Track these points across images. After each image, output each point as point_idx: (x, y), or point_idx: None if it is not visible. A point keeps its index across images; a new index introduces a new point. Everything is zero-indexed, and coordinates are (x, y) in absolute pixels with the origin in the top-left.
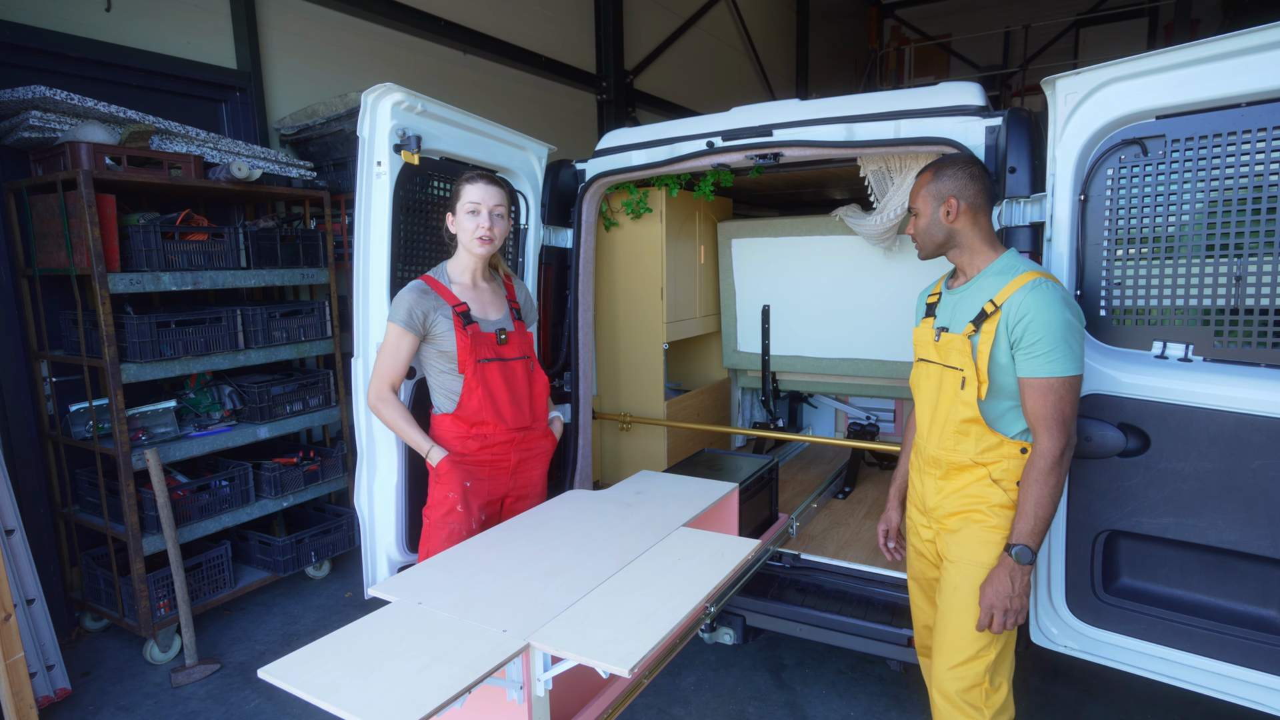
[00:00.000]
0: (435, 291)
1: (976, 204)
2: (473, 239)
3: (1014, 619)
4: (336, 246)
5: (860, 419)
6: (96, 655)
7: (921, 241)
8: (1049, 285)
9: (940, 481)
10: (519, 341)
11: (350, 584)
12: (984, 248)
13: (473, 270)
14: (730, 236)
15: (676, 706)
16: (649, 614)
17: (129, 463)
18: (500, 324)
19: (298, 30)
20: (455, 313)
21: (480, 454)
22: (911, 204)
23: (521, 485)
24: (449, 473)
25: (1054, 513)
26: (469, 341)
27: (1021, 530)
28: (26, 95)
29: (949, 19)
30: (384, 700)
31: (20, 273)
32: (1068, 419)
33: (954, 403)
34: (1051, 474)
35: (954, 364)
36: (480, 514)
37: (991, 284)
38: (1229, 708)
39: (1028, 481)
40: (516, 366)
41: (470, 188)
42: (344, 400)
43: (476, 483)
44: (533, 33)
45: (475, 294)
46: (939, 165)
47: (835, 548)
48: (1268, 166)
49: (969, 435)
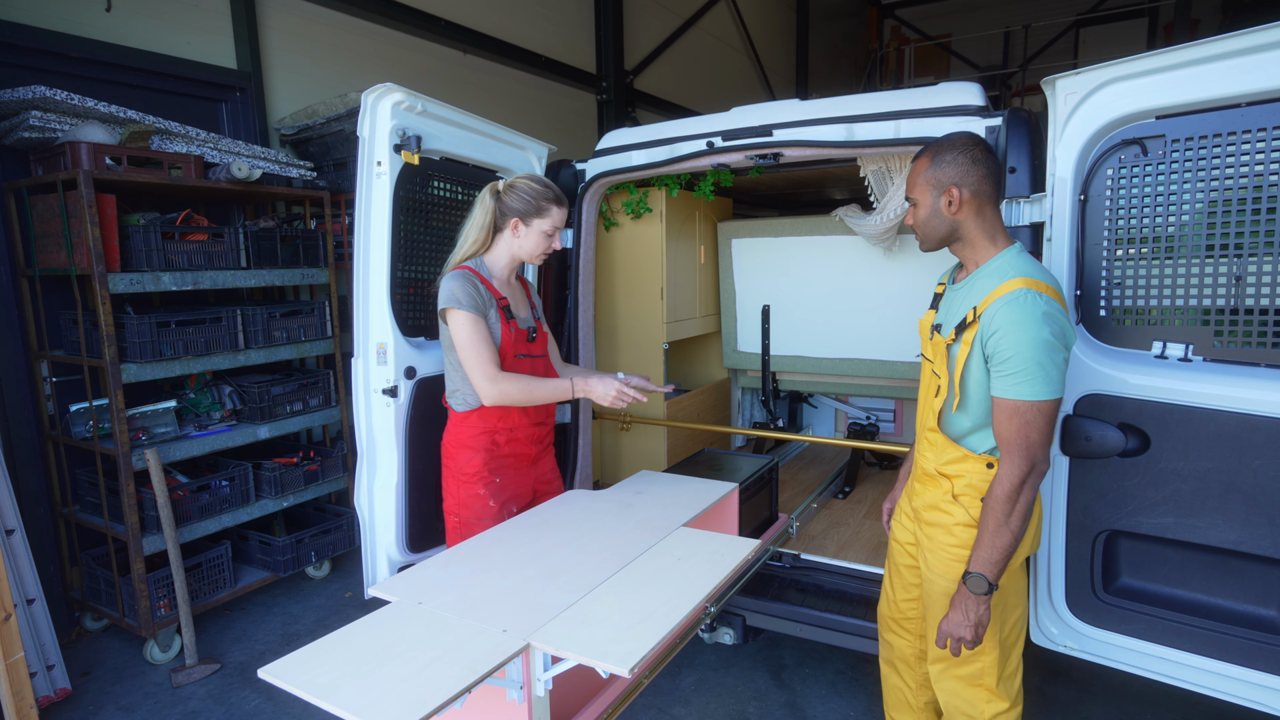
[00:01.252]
0: (482, 283)
1: (981, 191)
2: (536, 254)
3: (970, 645)
4: (336, 246)
5: (860, 419)
6: (96, 655)
7: (923, 234)
8: (1031, 298)
9: (918, 485)
10: (542, 340)
11: (350, 584)
12: (985, 242)
13: (511, 270)
14: (730, 236)
15: (676, 706)
16: (649, 614)
17: (129, 463)
18: (528, 322)
19: (298, 30)
20: (499, 306)
21: (506, 448)
22: (909, 193)
23: (542, 475)
24: (479, 466)
25: (1015, 542)
26: (512, 335)
27: (978, 558)
28: (27, 95)
29: (949, 19)
30: (384, 700)
31: (20, 273)
32: (1034, 445)
33: (928, 408)
34: (1008, 501)
35: (937, 369)
36: (511, 505)
37: (981, 286)
38: (1229, 708)
39: (986, 507)
40: (539, 364)
41: (559, 211)
42: (344, 400)
43: (504, 478)
44: (533, 33)
45: (509, 290)
46: (937, 148)
47: (835, 548)
48: (1268, 166)
49: (934, 444)
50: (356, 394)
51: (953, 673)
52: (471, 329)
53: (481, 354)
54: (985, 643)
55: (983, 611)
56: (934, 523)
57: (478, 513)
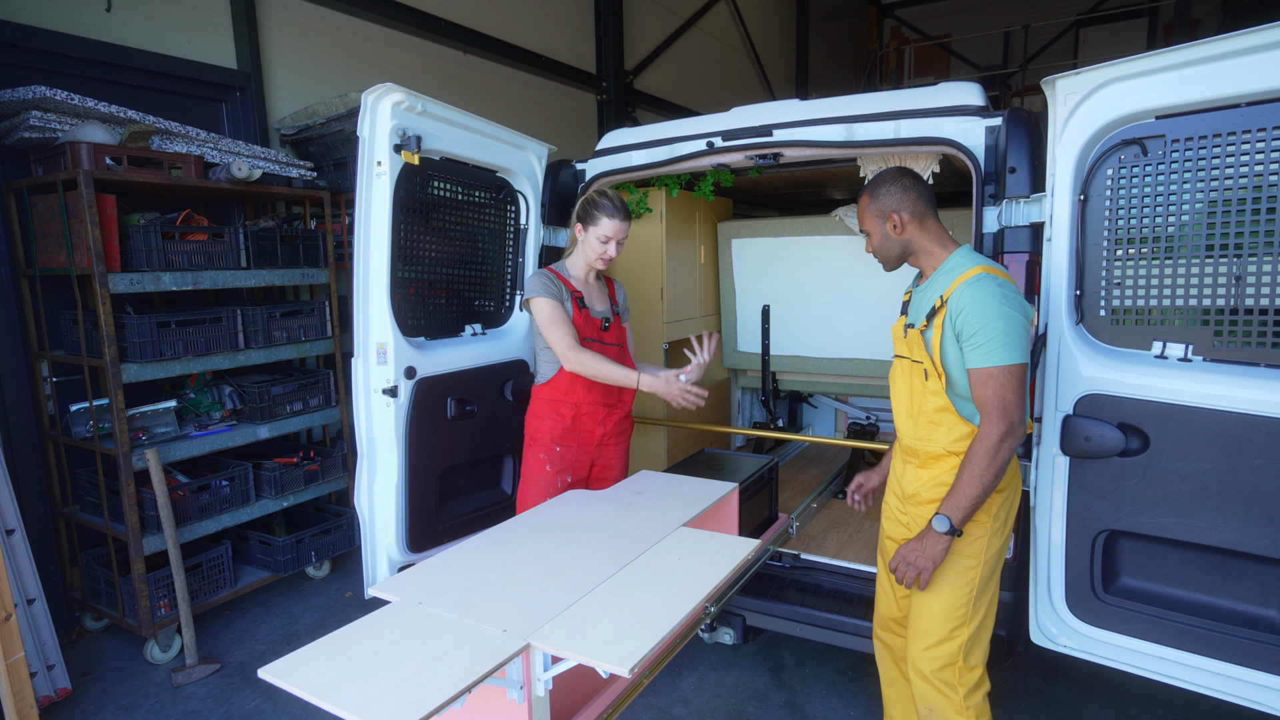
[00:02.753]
0: (557, 279)
1: (917, 210)
2: (597, 259)
3: (917, 576)
4: (336, 246)
5: (860, 419)
6: (97, 655)
7: (881, 258)
8: (987, 280)
9: (919, 470)
10: (616, 332)
11: (350, 584)
12: (936, 249)
13: (587, 270)
14: (730, 236)
15: (676, 706)
16: (649, 614)
17: (129, 463)
18: (604, 314)
19: (298, 30)
20: (574, 297)
21: (571, 421)
22: (861, 226)
23: (605, 460)
24: (544, 434)
25: (983, 495)
26: (582, 321)
27: (948, 504)
28: (27, 95)
29: (949, 19)
30: (384, 700)
31: (21, 273)
32: (1009, 405)
33: (924, 393)
34: (986, 457)
35: (916, 357)
36: (566, 475)
37: (943, 281)
38: (1229, 708)
39: (965, 461)
40: (611, 351)
41: (610, 222)
42: (344, 400)
43: (565, 448)
44: (533, 33)
45: (586, 288)
46: (873, 186)
47: (835, 548)
48: (1267, 166)
49: (941, 425)
50: (356, 394)
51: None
52: (550, 310)
53: (562, 329)
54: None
55: (939, 551)
56: (937, 499)
57: (535, 475)
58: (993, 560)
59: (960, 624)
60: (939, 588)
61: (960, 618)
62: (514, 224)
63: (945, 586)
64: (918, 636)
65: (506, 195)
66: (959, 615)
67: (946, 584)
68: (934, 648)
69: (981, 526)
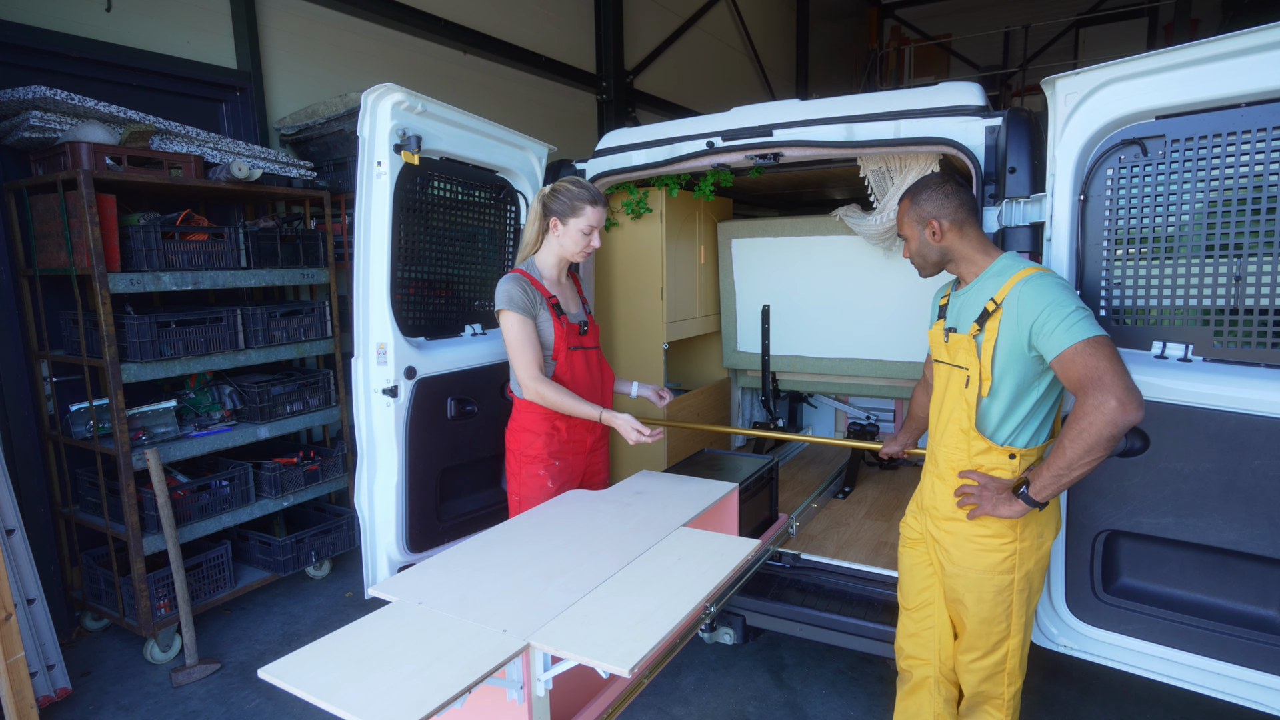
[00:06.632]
0: (531, 284)
1: (959, 218)
2: (578, 251)
3: (974, 513)
4: (336, 246)
5: (860, 419)
6: (97, 655)
7: (918, 263)
8: (1043, 275)
9: (937, 481)
10: (593, 333)
11: (350, 584)
12: (978, 255)
13: (559, 268)
14: (730, 236)
15: (676, 706)
16: (649, 614)
17: (129, 462)
18: (579, 316)
19: (298, 30)
20: (549, 304)
21: (565, 433)
22: (900, 231)
23: (595, 464)
24: (540, 449)
25: (1069, 469)
26: (564, 330)
27: (1035, 472)
28: (27, 95)
29: (949, 19)
30: (384, 700)
31: (20, 273)
32: (1105, 374)
33: (957, 402)
34: (1072, 428)
35: (961, 363)
36: (565, 488)
37: (991, 285)
38: (1229, 708)
39: (1063, 434)
40: (592, 355)
41: (595, 210)
42: (344, 400)
43: (563, 461)
44: (533, 33)
45: (559, 289)
46: (914, 190)
47: (835, 548)
48: (1268, 166)
49: (966, 437)
50: (356, 394)
51: (977, 666)
52: (519, 330)
53: (526, 354)
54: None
55: (1007, 509)
56: (956, 516)
57: (536, 492)
58: (1025, 579)
59: (1002, 637)
60: (976, 611)
61: (1001, 632)
62: (514, 224)
63: (981, 609)
64: (965, 652)
65: (506, 195)
66: (1001, 630)
67: (981, 606)
68: (980, 660)
69: (1004, 540)
